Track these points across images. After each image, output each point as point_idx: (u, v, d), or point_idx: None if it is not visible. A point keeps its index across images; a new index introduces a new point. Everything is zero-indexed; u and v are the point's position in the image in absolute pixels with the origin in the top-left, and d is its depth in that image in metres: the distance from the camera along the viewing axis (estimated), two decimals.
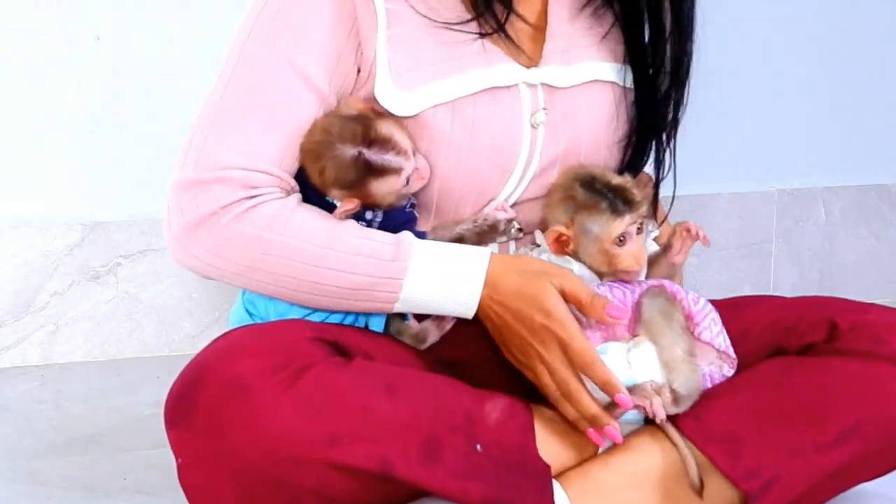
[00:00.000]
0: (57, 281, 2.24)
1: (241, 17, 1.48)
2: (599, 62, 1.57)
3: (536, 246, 1.52)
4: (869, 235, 2.61)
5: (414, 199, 1.49)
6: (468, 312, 1.43)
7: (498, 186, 1.52)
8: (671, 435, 1.40)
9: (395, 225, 1.45)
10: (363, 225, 1.44)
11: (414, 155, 1.45)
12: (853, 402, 1.41)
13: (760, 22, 2.49)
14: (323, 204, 1.44)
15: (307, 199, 1.44)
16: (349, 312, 1.46)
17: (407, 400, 1.34)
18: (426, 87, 1.46)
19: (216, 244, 1.40)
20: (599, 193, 1.45)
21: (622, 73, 1.59)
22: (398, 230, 1.44)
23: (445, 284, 1.41)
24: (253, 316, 1.50)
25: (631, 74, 1.59)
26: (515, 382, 1.44)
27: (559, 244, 1.46)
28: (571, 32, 1.56)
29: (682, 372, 1.40)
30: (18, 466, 1.77)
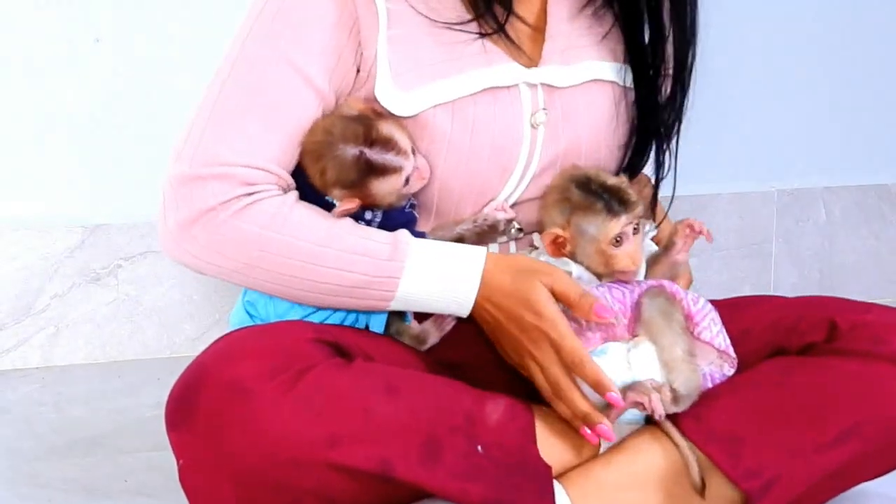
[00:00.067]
0: (57, 283, 2.24)
1: (241, 16, 1.48)
2: (599, 62, 1.56)
3: (535, 248, 1.52)
4: (869, 235, 2.61)
5: (414, 199, 1.49)
6: (463, 311, 1.43)
7: (498, 186, 1.52)
8: (672, 435, 1.40)
9: (394, 225, 1.45)
10: (362, 225, 1.44)
11: (414, 155, 1.45)
12: (853, 402, 1.41)
13: (760, 22, 2.48)
14: (321, 203, 1.44)
15: (305, 198, 1.44)
16: (343, 310, 1.46)
17: (407, 401, 1.34)
18: (426, 87, 1.46)
19: (213, 241, 1.40)
20: (595, 194, 1.44)
21: (622, 72, 1.59)
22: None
23: (441, 283, 1.41)
24: (253, 317, 1.49)
25: (631, 74, 1.59)
26: (516, 383, 1.44)
27: (556, 246, 1.46)
28: (571, 32, 1.56)
29: (681, 372, 1.40)
30: (19, 469, 1.77)
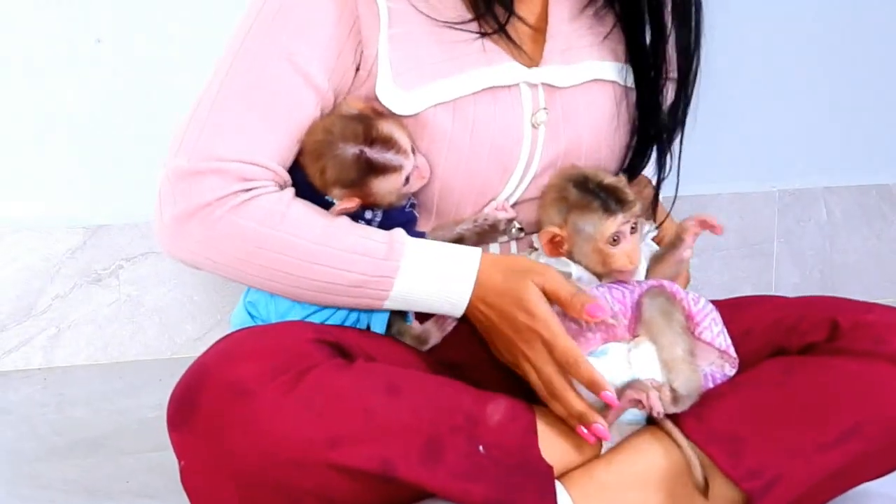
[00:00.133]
0: (59, 284, 2.24)
1: (241, 15, 1.48)
2: (600, 62, 1.56)
3: (535, 249, 1.52)
4: (870, 235, 2.61)
5: (414, 198, 1.49)
6: (456, 311, 1.43)
7: (498, 186, 1.52)
8: (674, 435, 1.40)
9: (394, 225, 1.44)
10: (362, 224, 1.44)
11: (414, 154, 1.45)
12: (854, 401, 1.41)
13: (761, 22, 2.48)
14: (321, 203, 1.44)
15: (305, 197, 1.44)
16: (337, 308, 1.45)
17: (409, 401, 1.34)
18: (427, 86, 1.46)
19: (209, 236, 1.40)
20: (592, 193, 1.44)
21: (623, 72, 1.58)
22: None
23: (436, 283, 1.41)
24: (254, 318, 1.49)
25: (632, 75, 1.59)
26: (517, 384, 1.44)
27: (553, 245, 1.46)
28: (572, 32, 1.56)
29: (682, 372, 1.40)
30: (20, 470, 1.77)
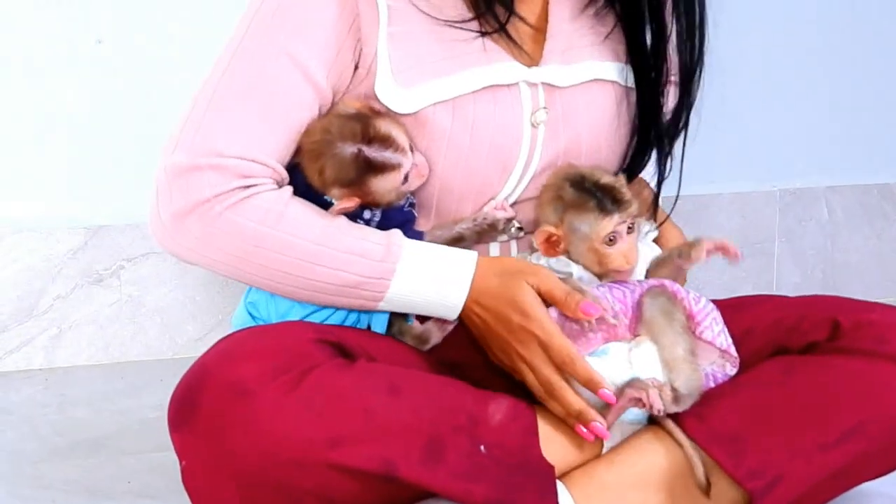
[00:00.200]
0: (60, 284, 2.24)
1: (241, 14, 1.48)
2: (601, 61, 1.56)
3: (535, 250, 1.51)
4: (871, 235, 2.61)
5: (413, 198, 1.49)
6: (451, 314, 1.43)
7: (498, 185, 1.52)
8: (676, 434, 1.40)
9: (393, 224, 1.44)
10: (361, 224, 1.44)
11: (412, 152, 1.45)
12: (856, 401, 1.40)
13: (761, 22, 2.48)
14: (320, 203, 1.44)
15: (304, 197, 1.43)
16: (332, 307, 1.45)
17: (410, 400, 1.34)
18: (426, 84, 1.46)
19: (207, 233, 1.39)
20: (588, 192, 1.44)
21: (624, 72, 1.58)
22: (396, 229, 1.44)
23: (431, 286, 1.41)
24: (255, 318, 1.49)
25: (632, 75, 1.59)
26: (518, 384, 1.44)
27: (549, 244, 1.46)
28: (572, 32, 1.55)
29: (682, 371, 1.40)
30: (22, 470, 1.77)
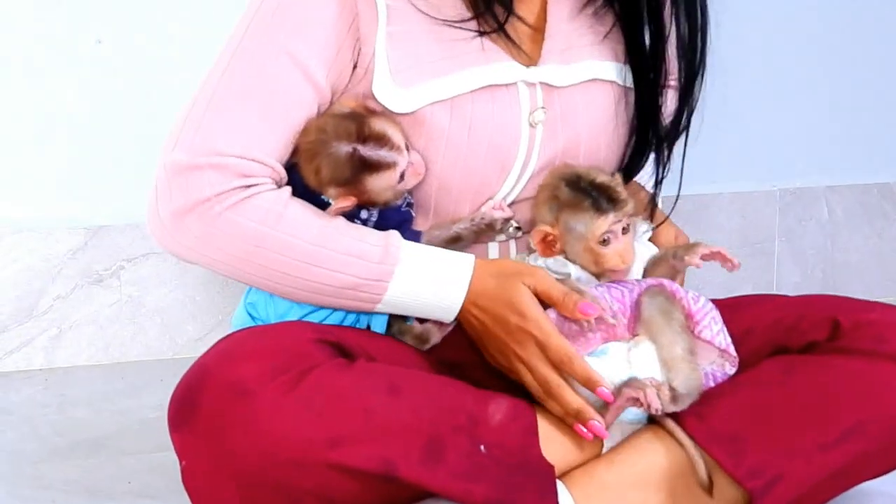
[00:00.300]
0: (60, 285, 2.24)
1: (240, 15, 1.48)
2: (600, 61, 1.56)
3: (533, 251, 1.51)
4: (872, 234, 2.61)
5: (410, 197, 1.49)
6: (448, 316, 1.43)
7: (496, 185, 1.52)
8: (676, 434, 1.40)
9: (390, 224, 1.45)
10: (358, 224, 1.44)
11: (408, 150, 1.45)
12: (856, 401, 1.40)
13: (762, 21, 2.48)
14: (317, 203, 1.44)
15: (301, 197, 1.43)
16: (330, 308, 1.46)
17: (410, 400, 1.34)
18: (425, 84, 1.46)
19: (207, 232, 1.39)
20: (583, 192, 1.44)
21: (623, 72, 1.58)
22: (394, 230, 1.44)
23: (429, 288, 1.41)
24: (255, 319, 1.50)
25: (631, 75, 1.59)
26: (517, 384, 1.44)
27: (545, 244, 1.46)
28: (571, 32, 1.55)
29: (681, 370, 1.40)
30: (22, 470, 1.77)
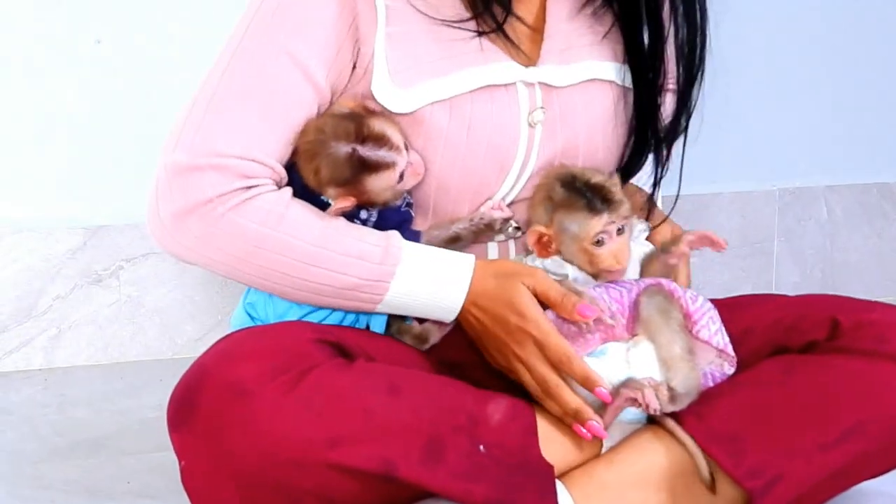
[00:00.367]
0: (59, 285, 2.24)
1: (241, 14, 1.48)
2: (599, 61, 1.56)
3: (531, 252, 1.51)
4: (871, 234, 2.61)
5: (410, 197, 1.49)
6: (449, 316, 1.43)
7: (495, 185, 1.52)
8: (677, 433, 1.39)
9: (389, 225, 1.44)
10: (358, 224, 1.44)
11: (407, 150, 1.45)
12: (856, 400, 1.40)
13: (762, 21, 2.48)
14: (316, 203, 1.43)
15: (301, 198, 1.43)
16: (330, 309, 1.45)
17: (410, 400, 1.34)
18: (424, 84, 1.46)
19: (208, 233, 1.39)
20: (578, 192, 1.44)
21: (622, 72, 1.58)
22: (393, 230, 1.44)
23: (430, 288, 1.41)
24: (254, 319, 1.50)
25: (630, 75, 1.59)
26: (516, 384, 1.44)
27: (541, 245, 1.46)
28: (570, 32, 1.55)
29: (680, 370, 1.40)
30: (22, 470, 1.77)
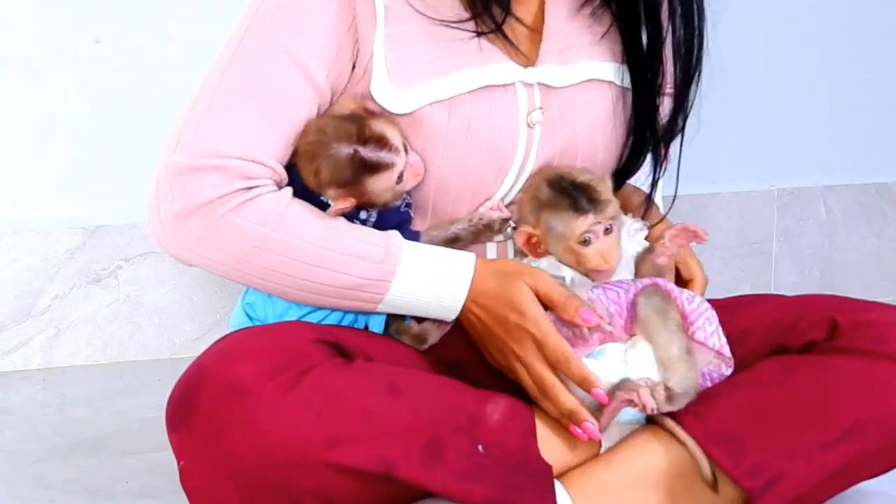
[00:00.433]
0: (58, 284, 2.24)
1: (241, 14, 1.48)
2: (597, 62, 1.56)
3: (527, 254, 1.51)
4: (870, 234, 2.61)
5: (409, 198, 1.49)
6: (449, 315, 1.43)
7: (494, 185, 1.52)
8: (677, 433, 1.39)
9: (389, 225, 1.45)
10: (357, 224, 1.44)
11: (406, 151, 1.45)
12: (855, 400, 1.41)
13: (761, 21, 2.49)
14: (316, 203, 1.44)
15: (300, 198, 1.43)
16: (330, 309, 1.46)
17: (409, 400, 1.34)
18: (423, 84, 1.46)
19: (209, 234, 1.39)
20: (563, 192, 1.44)
21: (621, 72, 1.58)
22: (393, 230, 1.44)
23: (431, 287, 1.41)
24: (253, 319, 1.50)
25: (629, 75, 1.59)
26: (516, 385, 1.44)
27: (530, 246, 1.46)
28: (569, 32, 1.55)
29: (677, 370, 1.40)
30: (21, 470, 1.77)
